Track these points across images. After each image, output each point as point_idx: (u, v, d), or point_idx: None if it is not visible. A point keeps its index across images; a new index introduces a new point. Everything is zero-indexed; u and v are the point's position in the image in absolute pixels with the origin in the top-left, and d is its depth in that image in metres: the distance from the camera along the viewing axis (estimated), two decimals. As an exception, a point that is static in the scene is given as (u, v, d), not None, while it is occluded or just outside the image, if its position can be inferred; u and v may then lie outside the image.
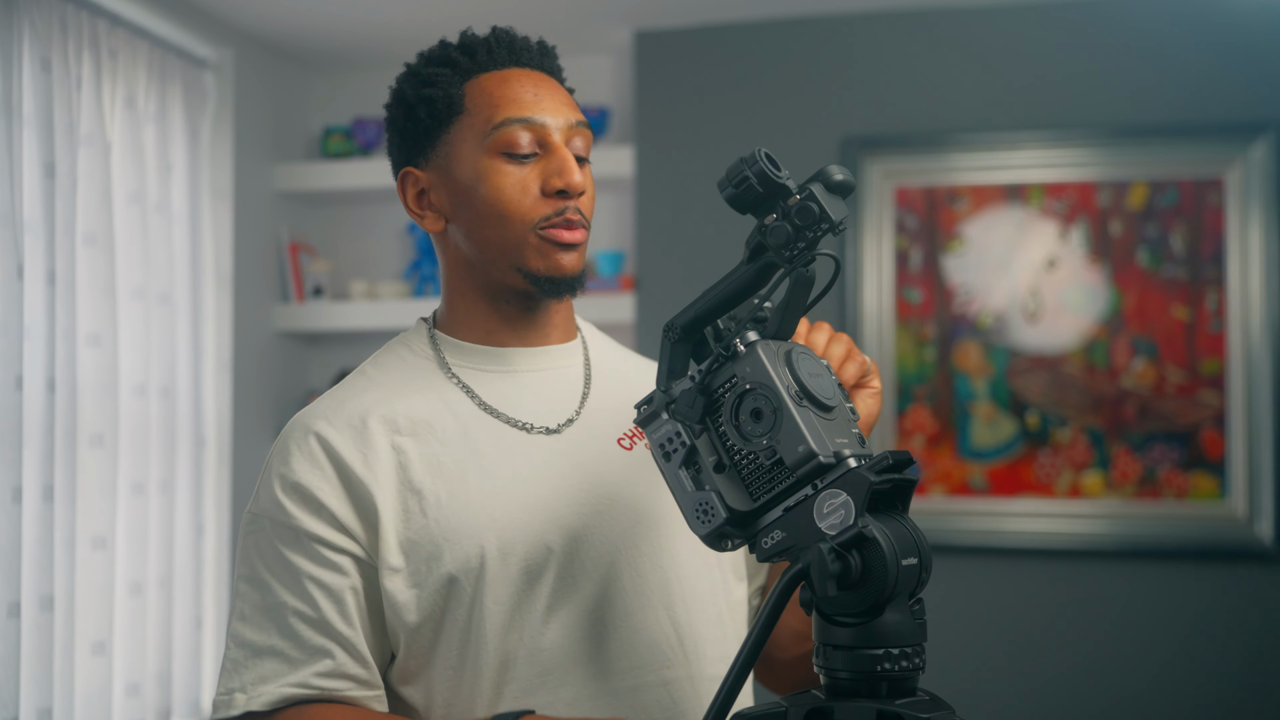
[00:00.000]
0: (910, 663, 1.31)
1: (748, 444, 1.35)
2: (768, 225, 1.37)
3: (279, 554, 1.58)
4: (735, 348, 1.37)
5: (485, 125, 1.64)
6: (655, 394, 1.42)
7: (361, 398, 1.66)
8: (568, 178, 1.62)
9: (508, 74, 1.68)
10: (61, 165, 3.40)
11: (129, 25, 3.79)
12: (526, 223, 1.62)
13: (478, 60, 1.68)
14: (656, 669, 1.62)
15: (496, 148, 1.63)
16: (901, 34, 4.20)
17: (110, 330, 3.57)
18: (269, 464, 1.63)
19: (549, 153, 1.64)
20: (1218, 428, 3.92)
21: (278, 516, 1.58)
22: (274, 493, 1.60)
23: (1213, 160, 3.96)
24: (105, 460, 3.55)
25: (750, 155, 1.36)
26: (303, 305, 4.59)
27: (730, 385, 1.37)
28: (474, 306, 1.71)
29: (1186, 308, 3.95)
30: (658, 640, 1.63)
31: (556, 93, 1.69)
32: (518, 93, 1.65)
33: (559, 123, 1.66)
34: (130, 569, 3.68)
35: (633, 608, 1.63)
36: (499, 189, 1.62)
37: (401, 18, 4.22)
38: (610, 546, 1.63)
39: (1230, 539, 3.90)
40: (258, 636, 1.57)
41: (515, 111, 1.64)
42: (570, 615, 1.60)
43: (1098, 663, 3.96)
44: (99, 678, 3.50)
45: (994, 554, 4.04)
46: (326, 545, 1.57)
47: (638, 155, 4.33)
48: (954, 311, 4.10)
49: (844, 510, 1.29)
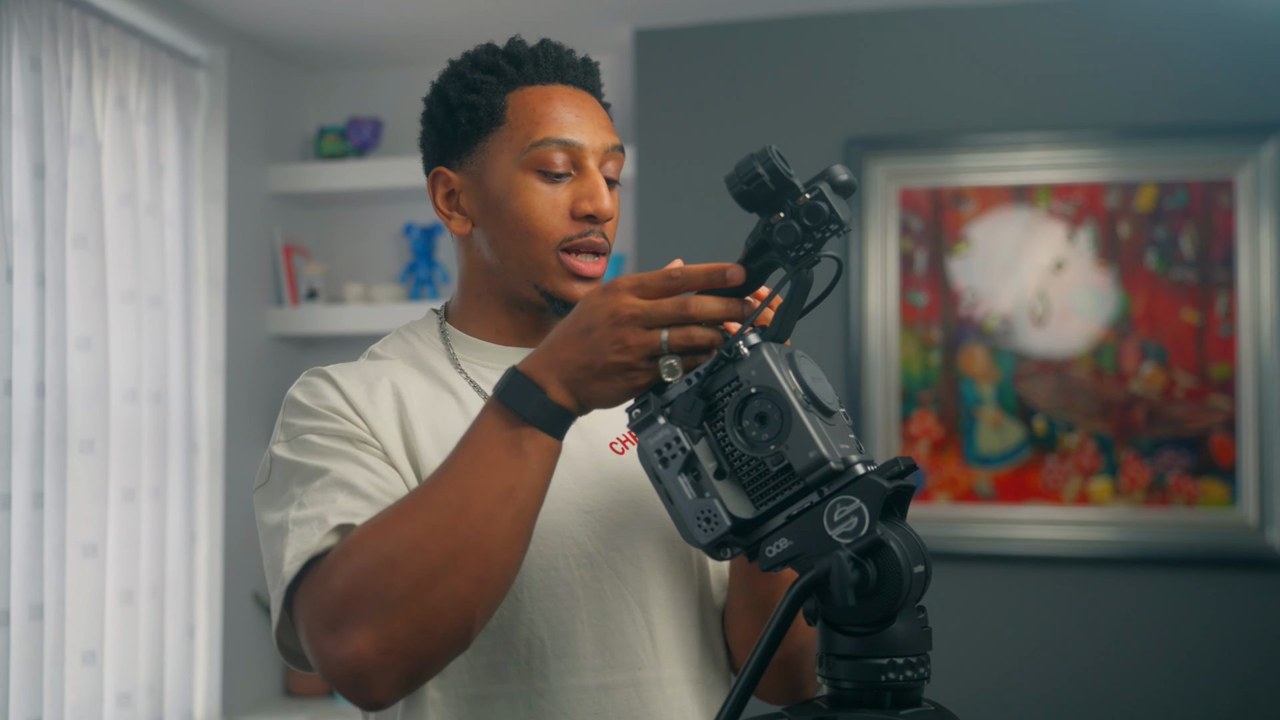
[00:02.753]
0: (915, 672, 1.28)
1: (753, 450, 1.32)
2: (774, 224, 1.34)
3: (334, 448, 1.57)
4: (738, 350, 1.34)
5: (524, 141, 1.67)
6: (650, 397, 1.38)
7: (375, 365, 1.71)
8: (598, 203, 1.66)
9: (551, 90, 1.71)
10: (51, 166, 3.38)
11: (120, 23, 3.77)
12: (550, 241, 1.66)
13: (524, 72, 1.71)
14: (628, 669, 1.65)
15: (532, 164, 1.66)
16: (906, 32, 4.18)
17: (101, 334, 3.55)
18: (290, 400, 1.65)
19: (582, 175, 1.68)
20: (1228, 433, 3.89)
21: (325, 426, 1.59)
22: (311, 409, 1.61)
23: (1223, 161, 3.93)
24: (96, 466, 3.52)
25: (762, 151, 1.33)
26: (297, 309, 4.56)
27: (733, 389, 1.34)
28: (488, 308, 1.75)
29: (1196, 311, 3.92)
30: (631, 642, 1.65)
31: (596, 114, 1.72)
32: (559, 112, 1.68)
33: (596, 145, 1.69)
34: (121, 577, 3.66)
35: (611, 608, 1.65)
36: (529, 205, 1.66)
37: (398, 16, 4.19)
38: (591, 544, 1.65)
39: (1241, 547, 3.86)
40: (323, 508, 1.50)
41: (555, 131, 1.67)
42: (547, 610, 1.62)
43: (1106, 673, 3.93)
44: (89, 687, 3.48)
45: (1000, 562, 4.01)
46: (376, 449, 1.59)
47: (638, 156, 4.31)
48: (959, 315, 4.07)
49: (857, 518, 1.27)
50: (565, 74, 1.72)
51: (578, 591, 1.64)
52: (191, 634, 3.98)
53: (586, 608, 1.64)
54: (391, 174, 4.46)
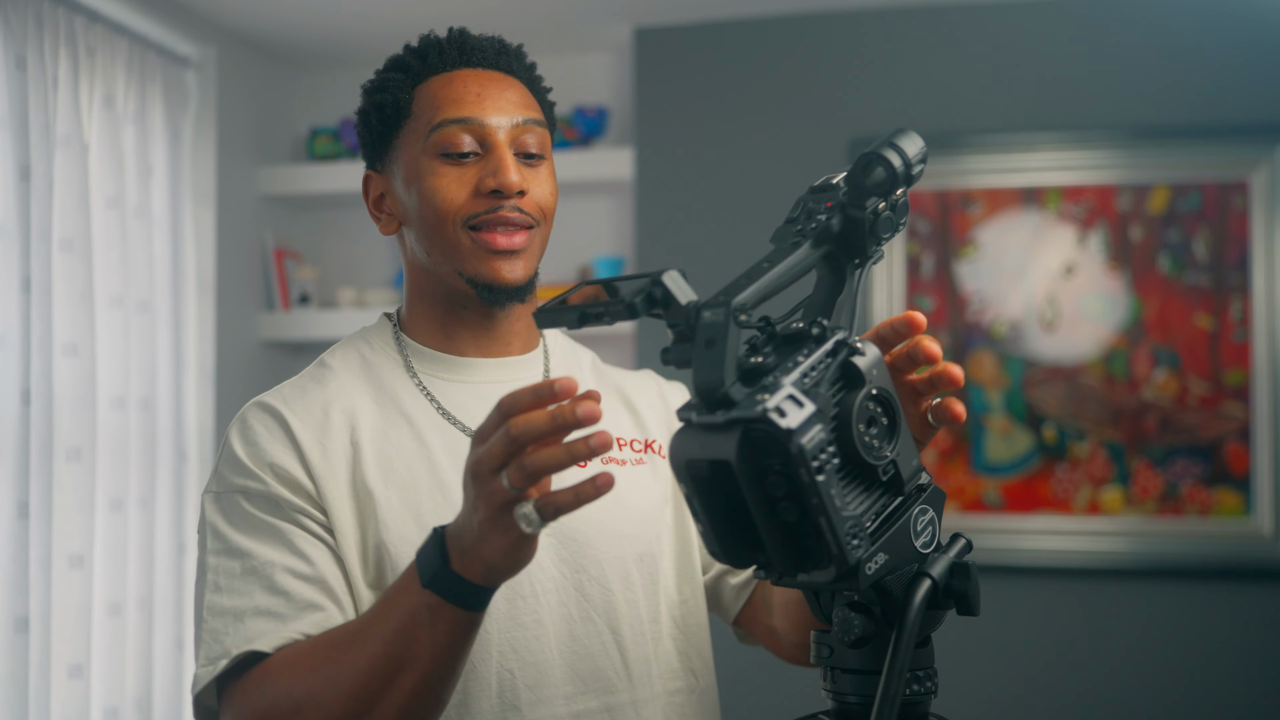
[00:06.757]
0: (922, 686, 1.23)
1: (871, 455, 1.16)
2: (879, 213, 1.26)
3: (259, 519, 1.55)
4: (856, 344, 1.19)
5: (425, 127, 1.68)
6: (778, 383, 1.12)
7: (324, 388, 1.67)
8: (501, 177, 1.63)
9: (454, 75, 1.70)
10: (37, 168, 3.37)
11: (107, 21, 3.76)
12: (457, 221, 1.64)
13: (429, 63, 1.72)
14: (600, 694, 1.64)
15: (434, 149, 1.66)
16: (912, 30, 4.15)
17: (88, 339, 3.53)
18: (228, 444, 1.62)
19: (489, 152, 1.66)
20: (1242, 441, 3.84)
21: (253, 487, 1.57)
22: (244, 465, 1.58)
23: (1237, 163, 3.88)
24: (83, 475, 3.51)
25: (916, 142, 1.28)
26: (288, 313, 4.56)
27: (855, 387, 1.18)
28: (432, 311, 1.73)
29: (1210, 316, 3.88)
30: (602, 666, 1.65)
31: (505, 91, 1.70)
32: (460, 93, 1.68)
33: (502, 121, 1.67)
34: (108, 588, 3.65)
35: (578, 632, 1.64)
36: (433, 189, 1.65)
37: (391, 14, 4.19)
38: (555, 569, 1.64)
39: (1255, 557, 3.82)
40: (240, 601, 1.51)
41: (454, 112, 1.66)
42: (516, 640, 1.61)
43: (1117, 686, 3.90)
44: (76, 701, 3.46)
45: (1009, 573, 3.97)
46: (307, 515, 1.56)
47: (638, 157, 4.29)
48: (967, 320, 4.03)
49: (932, 527, 1.22)
50: (471, 57, 1.71)
51: (545, 619, 1.62)
52: (180, 647, 3.96)
53: (555, 635, 1.62)
54: (385, 175, 4.39)
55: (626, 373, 1.92)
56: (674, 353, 1.18)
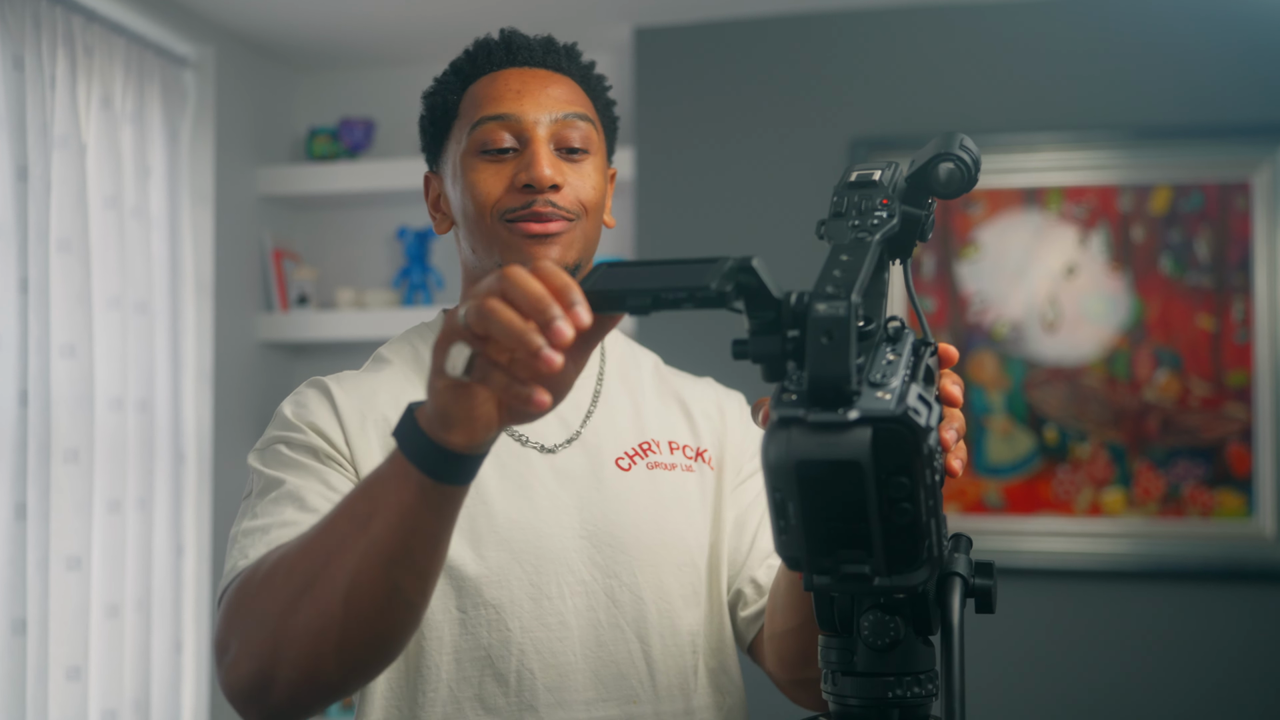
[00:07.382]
0: (923, 689, 1.21)
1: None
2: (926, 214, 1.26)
3: (297, 460, 1.58)
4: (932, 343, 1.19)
5: (468, 125, 1.70)
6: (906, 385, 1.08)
7: (376, 376, 1.71)
8: (533, 171, 1.64)
9: (498, 74, 1.73)
10: (35, 168, 3.37)
11: (105, 21, 3.75)
12: (494, 214, 1.66)
13: (477, 65, 1.74)
14: (622, 704, 1.63)
15: (475, 146, 1.68)
16: (913, 30, 4.14)
17: (86, 341, 3.53)
18: (279, 410, 1.65)
19: (525, 147, 1.68)
20: (1244, 443, 3.83)
21: (294, 437, 1.60)
22: (288, 421, 1.62)
23: (1239, 163, 3.87)
24: (80, 476, 3.51)
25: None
26: (287, 314, 4.54)
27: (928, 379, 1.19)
28: None
29: (1212, 317, 3.87)
30: (627, 674, 1.64)
31: (549, 87, 1.71)
32: (501, 91, 1.70)
33: (542, 117, 1.68)
34: (107, 590, 3.64)
35: (605, 638, 1.64)
36: (472, 185, 1.67)
37: (391, 14, 4.17)
38: (587, 572, 1.64)
39: (1257, 559, 3.81)
40: (269, 520, 1.51)
41: (493, 109, 1.68)
42: (538, 640, 1.61)
43: (1119, 688, 3.89)
44: (74, 704, 3.46)
45: (1010, 575, 3.87)
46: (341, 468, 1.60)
47: (638, 157, 4.28)
48: (968, 321, 4.02)
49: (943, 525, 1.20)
50: (517, 56, 1.73)
51: (571, 622, 1.62)
52: (179, 649, 3.97)
53: (580, 639, 1.62)
54: (384, 176, 4.43)
55: (687, 378, 1.89)
56: (755, 345, 1.10)
